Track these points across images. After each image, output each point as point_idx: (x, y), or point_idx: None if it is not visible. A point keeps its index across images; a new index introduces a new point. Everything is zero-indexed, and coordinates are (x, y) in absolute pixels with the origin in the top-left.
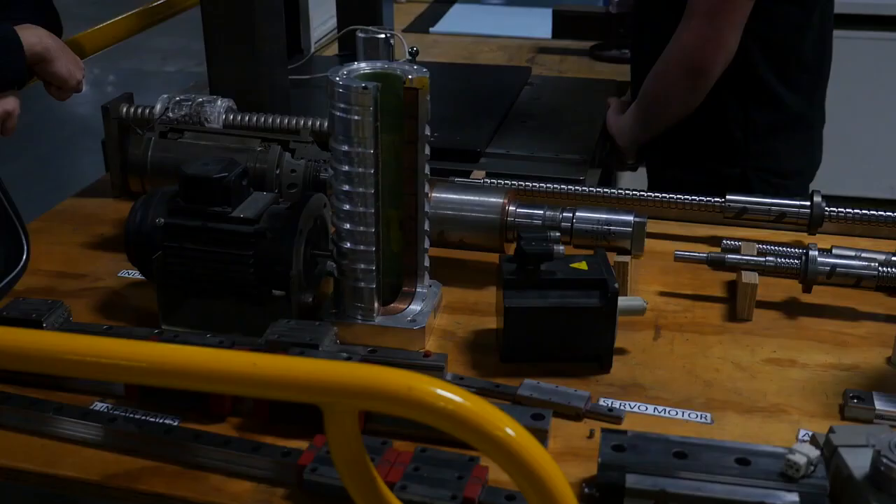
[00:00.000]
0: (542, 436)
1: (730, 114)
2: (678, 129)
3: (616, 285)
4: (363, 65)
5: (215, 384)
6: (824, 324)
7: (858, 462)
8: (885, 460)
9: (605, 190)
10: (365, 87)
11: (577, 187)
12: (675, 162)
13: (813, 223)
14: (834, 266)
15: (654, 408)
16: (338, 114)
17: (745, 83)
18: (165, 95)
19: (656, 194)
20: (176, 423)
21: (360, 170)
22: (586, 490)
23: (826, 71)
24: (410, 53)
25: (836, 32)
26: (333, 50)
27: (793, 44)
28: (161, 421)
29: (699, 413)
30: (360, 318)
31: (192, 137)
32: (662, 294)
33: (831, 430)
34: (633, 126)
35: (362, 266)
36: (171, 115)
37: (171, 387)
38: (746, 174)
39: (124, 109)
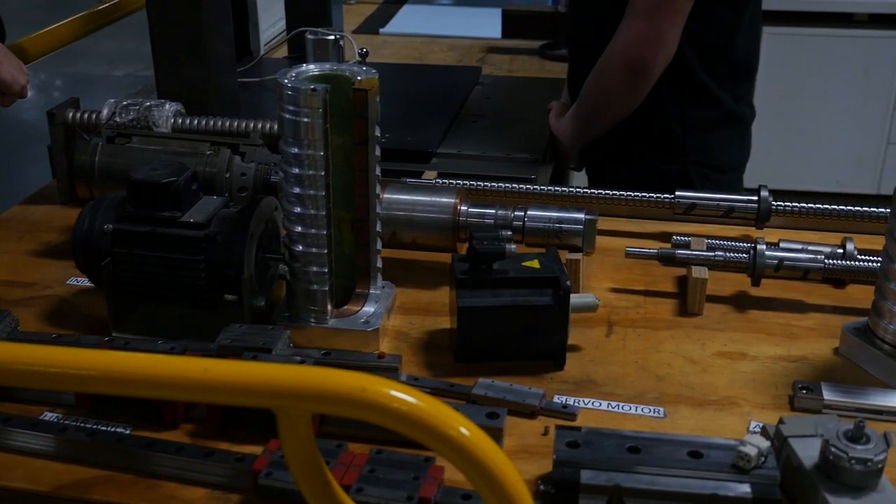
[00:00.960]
0: (497, 434)
1: (667, 111)
2: (619, 128)
3: (568, 283)
4: (312, 67)
5: (167, 391)
6: (773, 316)
7: (808, 452)
8: (833, 449)
9: (557, 188)
10: (314, 89)
11: (528, 186)
12: (617, 160)
13: (760, 218)
14: (781, 259)
15: (608, 403)
16: (287, 116)
17: (681, 81)
18: (112, 100)
19: (607, 192)
20: (128, 432)
21: (311, 172)
22: (542, 487)
23: (755, 68)
24: (360, 55)
25: (787, 30)
26: (283, 52)
27: (725, 44)
28: (113, 429)
29: (652, 407)
30: (313, 320)
31: (141, 142)
32: (614, 290)
33: (781, 421)
34: (574, 127)
35: (314, 269)
36: (118, 119)
37: (122, 395)
38: (686, 169)
39: (70, 114)
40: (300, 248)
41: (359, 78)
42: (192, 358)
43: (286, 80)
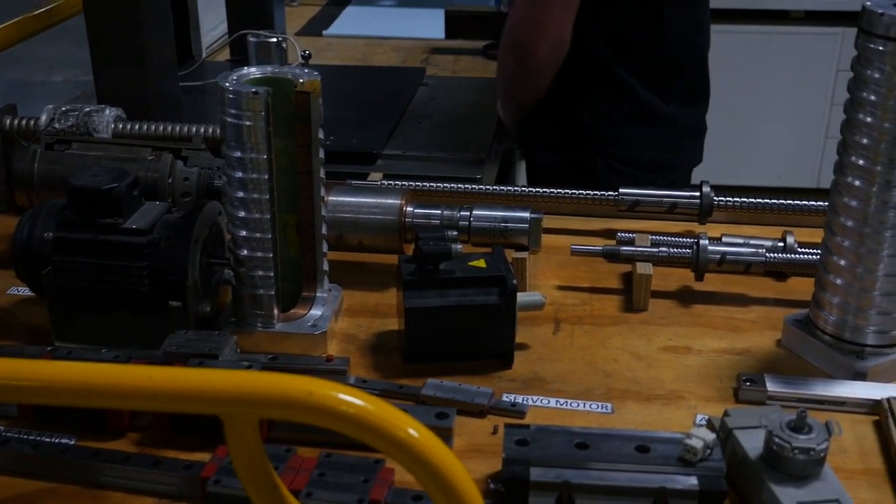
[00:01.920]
0: (446, 434)
1: (578, 100)
2: (540, 113)
3: (515, 282)
4: (254, 70)
5: (110, 400)
6: (717, 310)
7: (752, 443)
8: (777, 440)
9: (502, 188)
10: (256, 92)
11: (473, 186)
12: (539, 144)
13: (703, 213)
14: (724, 254)
15: (556, 400)
16: (229, 120)
17: (594, 72)
18: (51, 106)
19: (551, 190)
20: (73, 442)
21: (254, 176)
22: (492, 486)
23: (696, 73)
24: (303, 57)
25: (725, 27)
26: (226, 55)
27: (647, 42)
28: (57, 441)
29: (600, 403)
30: (259, 325)
31: (80, 148)
32: (561, 288)
33: (726, 414)
34: (500, 106)
35: (260, 273)
36: (57, 125)
37: (65, 405)
38: (592, 159)
39: (8, 121)
40: (245, 252)
41: (301, 80)
42: (136, 366)
43: (227, 84)
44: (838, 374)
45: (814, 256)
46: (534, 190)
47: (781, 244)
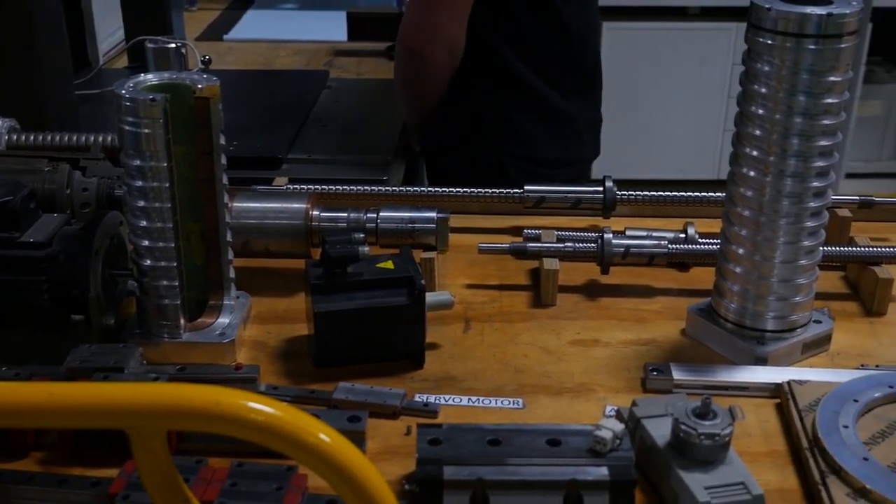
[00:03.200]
0: (359, 437)
1: (483, 102)
2: (442, 116)
3: (423, 282)
4: (150, 76)
5: (12, 419)
6: (623, 302)
7: (660, 431)
8: (683, 427)
9: (408, 189)
10: (153, 99)
11: (379, 188)
12: (443, 148)
13: (606, 207)
14: (628, 247)
15: (469, 398)
16: (127, 128)
17: (496, 74)
18: None
19: (457, 189)
20: None
21: (155, 184)
22: (406, 487)
23: (591, 67)
24: (203, 62)
25: (624, 24)
26: (124, 62)
27: (545, 40)
28: None
29: (511, 399)
30: (166, 336)
31: None
32: (470, 286)
33: (634, 404)
34: (404, 109)
35: (165, 283)
36: None
37: None
38: (502, 161)
39: None
40: (148, 262)
41: (199, 86)
42: (38, 383)
43: (123, 91)
44: (741, 359)
45: (714, 246)
46: (440, 190)
47: (683, 235)
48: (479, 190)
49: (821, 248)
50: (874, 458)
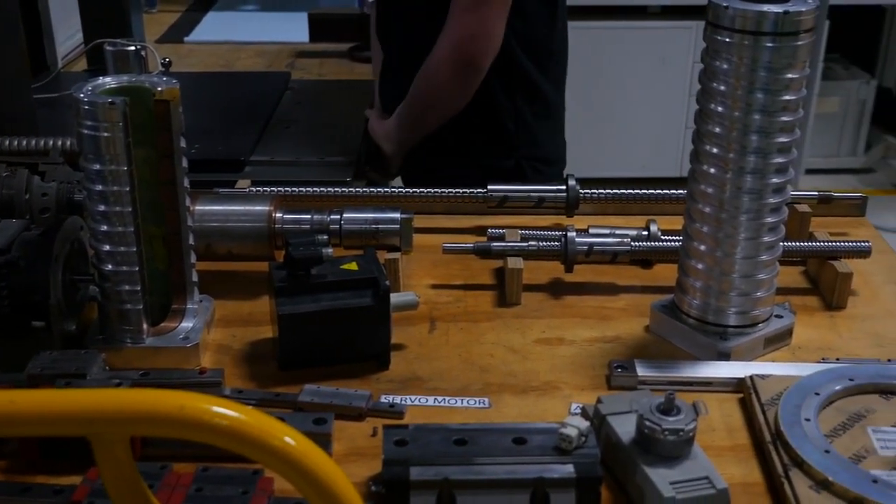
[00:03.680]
0: (325, 440)
1: (500, 106)
2: (450, 127)
3: (387, 283)
4: (109, 79)
5: None
6: (587, 300)
7: (625, 428)
8: (647, 423)
9: (372, 189)
10: (112, 103)
11: (343, 189)
12: (450, 159)
13: (570, 206)
14: (591, 245)
15: (435, 399)
16: (86, 132)
17: (511, 75)
18: None
19: (421, 190)
20: None
21: (115, 188)
22: (373, 488)
23: (566, 61)
24: (163, 65)
25: (586, 24)
26: (83, 65)
27: (545, 36)
28: None
29: (477, 399)
30: (129, 341)
31: None
32: (434, 287)
33: (599, 401)
34: (403, 129)
35: (127, 287)
36: None
37: None
38: (520, 164)
39: None
40: (110, 267)
41: (159, 89)
42: None
43: (82, 95)
44: (704, 355)
45: (676, 243)
46: (404, 190)
47: (646, 233)
48: (443, 190)
49: (781, 244)
50: (836, 450)
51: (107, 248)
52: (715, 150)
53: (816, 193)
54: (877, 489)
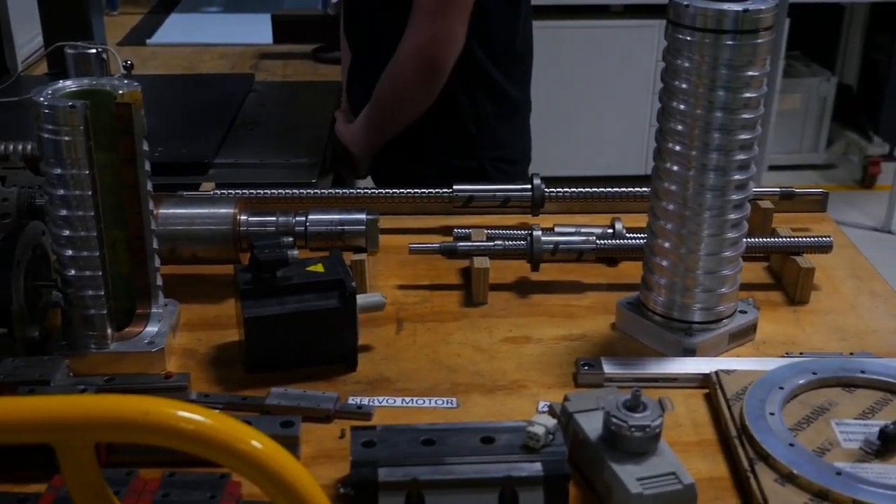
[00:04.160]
0: (292, 442)
1: (462, 107)
2: (413, 129)
3: (353, 284)
4: (70, 83)
5: None
6: (553, 299)
7: (592, 425)
8: (614, 420)
9: (337, 191)
10: (72, 106)
11: (308, 191)
12: (411, 159)
13: (535, 205)
14: (557, 243)
15: (402, 399)
16: (46, 136)
17: (472, 77)
18: None
19: (387, 191)
20: None
21: (77, 192)
22: (341, 490)
23: (531, 61)
24: (125, 67)
25: (549, 23)
26: (43, 69)
27: (507, 37)
28: None
29: (445, 399)
30: (93, 346)
31: None
32: (401, 287)
33: (566, 399)
34: (369, 131)
35: (90, 292)
36: None
37: None
38: (483, 165)
39: None
40: (73, 272)
41: (120, 92)
42: None
43: (42, 98)
44: (669, 351)
45: (641, 241)
46: (369, 191)
47: (611, 231)
48: (409, 190)
49: (744, 240)
50: (800, 443)
51: (69, 252)
52: (678, 148)
53: (778, 190)
54: (840, 481)
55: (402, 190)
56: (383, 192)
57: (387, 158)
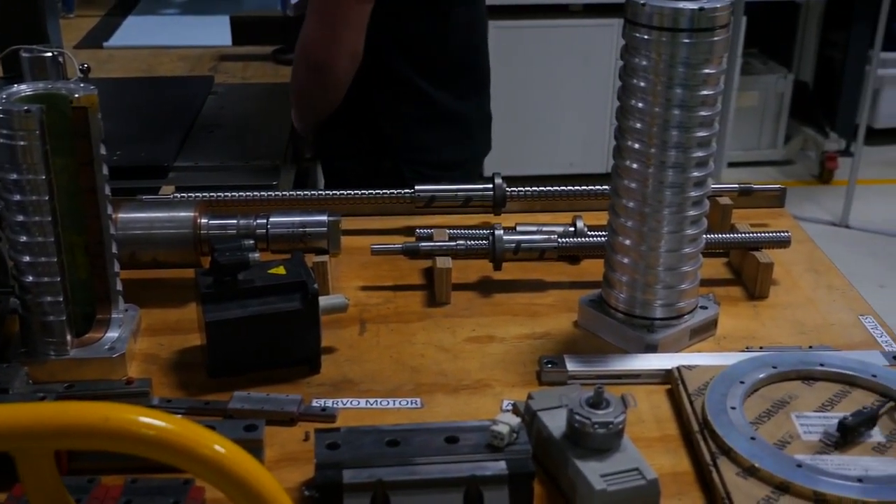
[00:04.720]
0: (256, 446)
1: (378, 109)
2: (338, 123)
3: (316, 286)
4: (25, 86)
5: None
6: (516, 297)
7: (556, 422)
8: (577, 417)
9: (298, 193)
10: (28, 110)
11: (269, 193)
12: (340, 154)
13: (497, 204)
14: (519, 242)
15: (366, 401)
16: (1, 141)
17: (390, 81)
18: None
19: (348, 192)
20: None
21: (34, 198)
22: (306, 493)
23: (479, 65)
24: (82, 71)
25: (507, 23)
26: None
27: (435, 44)
28: None
29: (409, 399)
30: (52, 353)
31: None
32: (364, 288)
33: (530, 397)
34: (295, 118)
35: (48, 299)
36: None
37: None
38: (399, 166)
39: None
40: (30, 278)
41: (77, 95)
42: None
43: None
44: (632, 348)
45: (602, 238)
46: (331, 193)
47: (572, 229)
48: (371, 191)
49: (704, 236)
50: (761, 436)
51: (27, 259)
52: (637, 146)
53: (737, 186)
54: (801, 473)
55: (363, 191)
56: (344, 193)
57: (322, 147)
